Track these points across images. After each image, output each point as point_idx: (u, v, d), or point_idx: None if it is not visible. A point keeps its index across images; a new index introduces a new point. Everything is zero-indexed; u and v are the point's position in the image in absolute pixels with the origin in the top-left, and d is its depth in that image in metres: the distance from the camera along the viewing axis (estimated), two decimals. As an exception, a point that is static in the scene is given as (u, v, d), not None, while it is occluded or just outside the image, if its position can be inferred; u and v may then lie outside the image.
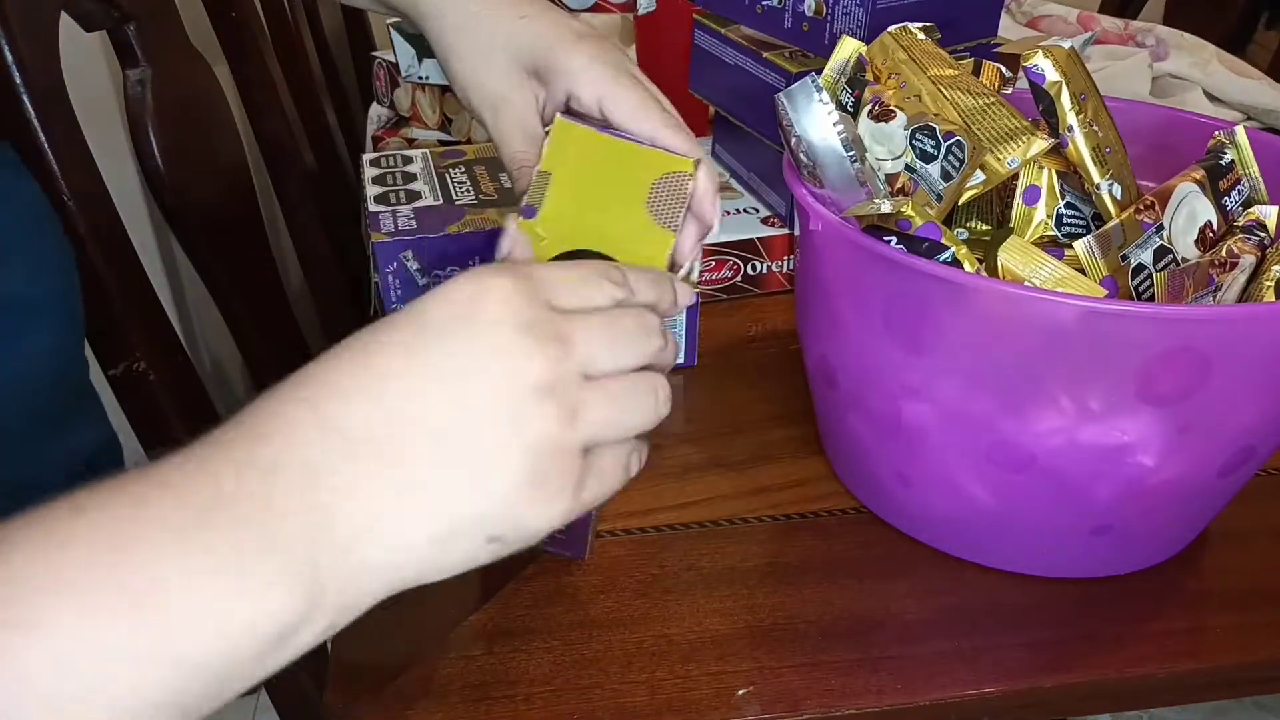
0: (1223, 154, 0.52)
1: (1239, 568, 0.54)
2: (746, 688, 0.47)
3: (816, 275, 0.54)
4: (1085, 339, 0.43)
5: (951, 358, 0.47)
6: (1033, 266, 0.48)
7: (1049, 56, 0.50)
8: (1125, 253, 0.49)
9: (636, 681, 0.48)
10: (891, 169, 0.53)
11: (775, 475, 0.61)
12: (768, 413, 0.67)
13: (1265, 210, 0.50)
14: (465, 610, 0.52)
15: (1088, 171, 0.50)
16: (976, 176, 0.50)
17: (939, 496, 0.52)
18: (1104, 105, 0.52)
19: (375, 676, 0.48)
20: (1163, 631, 0.50)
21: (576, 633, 0.50)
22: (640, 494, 0.60)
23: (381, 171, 0.71)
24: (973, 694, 0.47)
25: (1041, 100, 0.50)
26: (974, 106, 0.51)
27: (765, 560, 0.55)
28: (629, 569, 0.54)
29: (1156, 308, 0.44)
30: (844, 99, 0.56)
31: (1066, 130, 0.50)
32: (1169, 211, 0.49)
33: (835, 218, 0.49)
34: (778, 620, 0.51)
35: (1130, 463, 0.46)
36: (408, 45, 0.86)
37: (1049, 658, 0.49)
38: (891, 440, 0.52)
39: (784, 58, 0.75)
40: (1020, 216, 0.52)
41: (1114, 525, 0.50)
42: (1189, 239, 0.49)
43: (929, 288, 0.46)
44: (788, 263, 0.80)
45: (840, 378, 0.54)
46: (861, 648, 0.49)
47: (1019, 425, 0.46)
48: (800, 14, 0.74)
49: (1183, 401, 0.44)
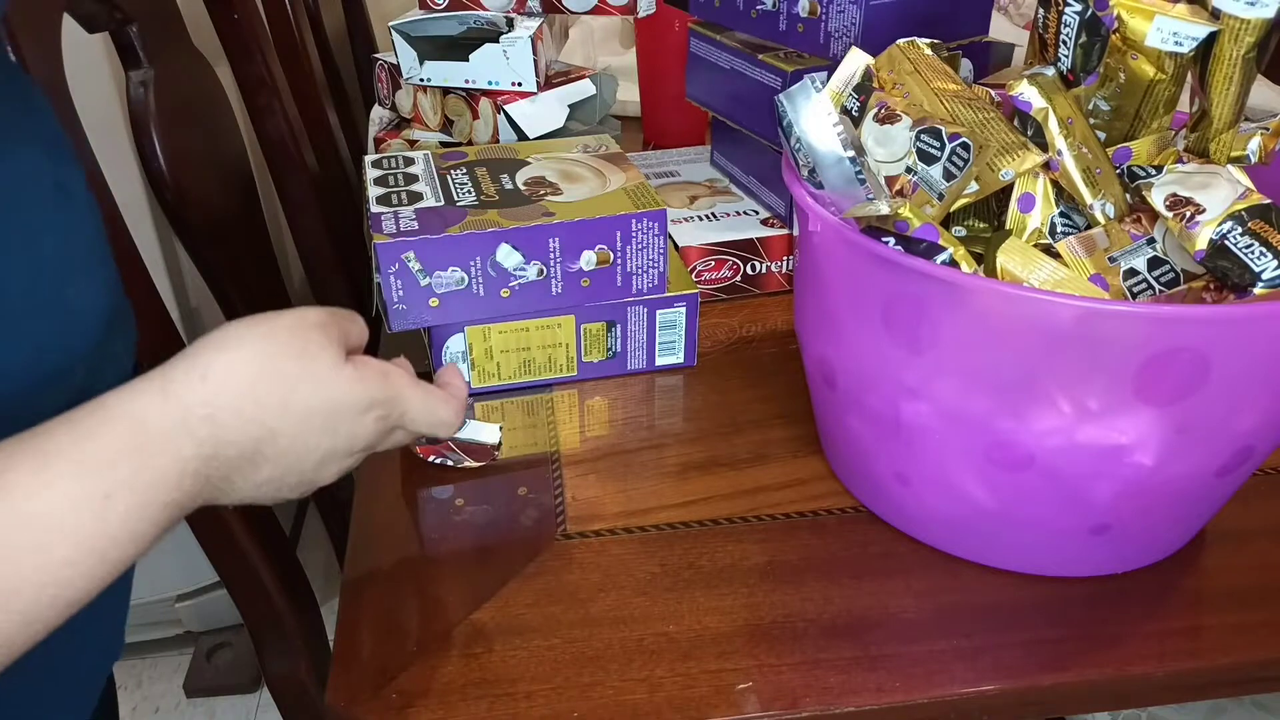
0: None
1: (1237, 567, 0.55)
2: (746, 684, 0.48)
3: (815, 276, 0.54)
4: (1084, 339, 0.43)
5: (950, 358, 0.47)
6: (1031, 267, 0.48)
7: (1034, 84, 0.51)
8: (1114, 255, 0.49)
9: (636, 679, 0.48)
10: (891, 171, 0.54)
11: (774, 475, 0.61)
12: (767, 413, 0.67)
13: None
14: (465, 610, 0.52)
15: (1079, 193, 0.51)
16: (971, 186, 0.51)
17: (938, 496, 0.53)
18: (1090, 128, 0.52)
19: (375, 676, 0.48)
20: (1161, 630, 0.51)
21: (577, 631, 0.51)
22: (640, 493, 0.60)
23: (383, 173, 0.71)
24: (971, 692, 0.48)
25: (1029, 126, 0.51)
26: (975, 120, 0.52)
27: (765, 559, 0.55)
28: (629, 568, 0.54)
29: (1155, 308, 0.44)
30: (849, 104, 0.56)
31: (1056, 154, 0.51)
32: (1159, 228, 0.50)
33: (834, 219, 0.49)
34: (777, 619, 0.51)
35: (1129, 462, 0.46)
36: (409, 47, 0.86)
37: (1047, 656, 0.49)
38: (890, 440, 0.52)
39: (779, 58, 0.75)
40: (1015, 224, 0.52)
41: (1112, 525, 0.50)
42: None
43: (928, 288, 0.46)
44: (787, 263, 0.80)
45: (839, 378, 0.54)
46: (860, 646, 0.49)
47: (1017, 425, 0.47)
48: (795, 15, 0.74)
49: (1181, 401, 0.44)
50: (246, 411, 0.37)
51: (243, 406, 0.37)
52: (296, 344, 0.39)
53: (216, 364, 0.37)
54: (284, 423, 0.38)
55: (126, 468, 0.33)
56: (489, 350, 0.67)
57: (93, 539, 0.32)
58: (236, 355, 0.37)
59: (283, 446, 0.39)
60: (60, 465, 0.32)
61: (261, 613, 0.73)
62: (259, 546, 0.70)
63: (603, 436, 0.65)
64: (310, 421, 0.39)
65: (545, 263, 0.64)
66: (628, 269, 0.67)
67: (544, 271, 0.65)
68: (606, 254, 0.66)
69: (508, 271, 0.64)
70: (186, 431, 0.35)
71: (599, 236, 0.65)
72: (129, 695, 1.36)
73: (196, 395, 0.36)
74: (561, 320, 0.67)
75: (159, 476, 0.34)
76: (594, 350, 0.69)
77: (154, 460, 0.34)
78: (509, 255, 0.63)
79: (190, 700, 1.35)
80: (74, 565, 0.32)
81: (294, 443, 0.39)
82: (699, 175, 0.91)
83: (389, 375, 0.43)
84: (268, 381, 0.38)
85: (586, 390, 0.70)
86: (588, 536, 0.57)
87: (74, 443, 0.33)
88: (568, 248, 0.65)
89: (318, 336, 0.40)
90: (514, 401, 0.69)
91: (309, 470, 0.41)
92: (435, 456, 0.62)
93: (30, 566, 0.31)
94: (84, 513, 0.32)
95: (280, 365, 0.38)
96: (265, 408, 0.38)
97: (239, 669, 1.37)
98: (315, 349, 0.40)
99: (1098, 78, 0.53)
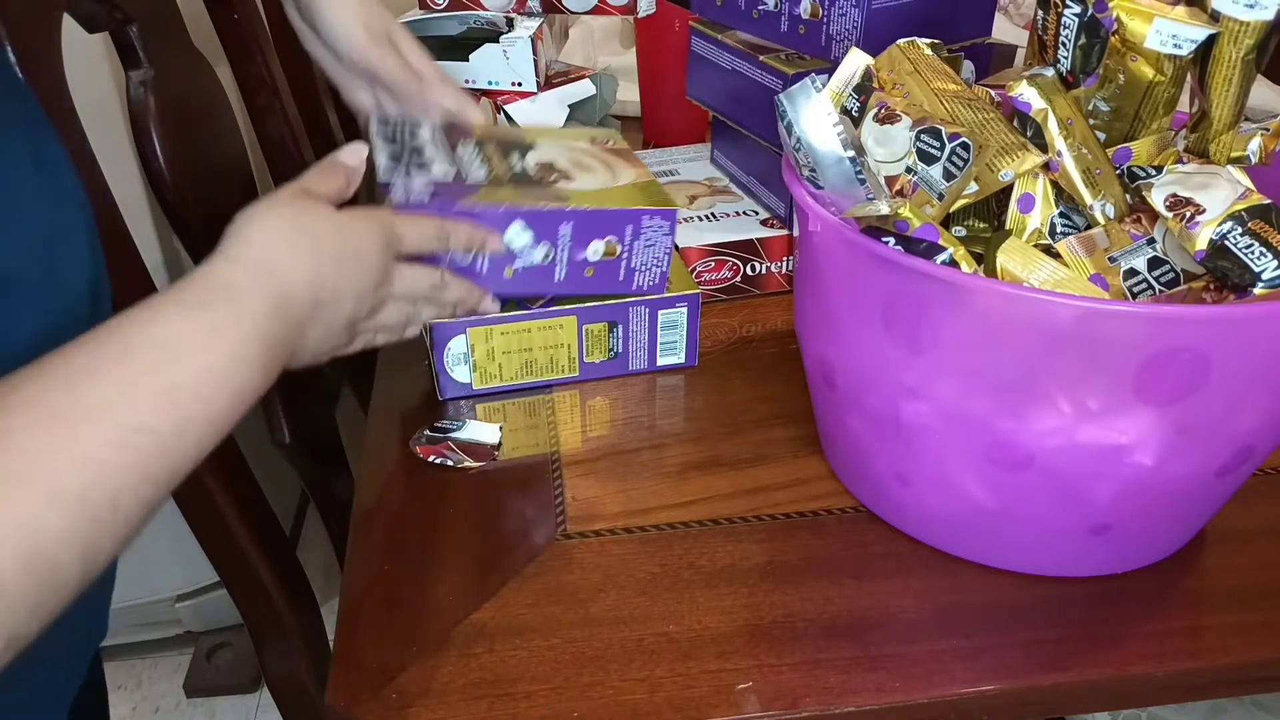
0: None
1: (1237, 567, 0.55)
2: (746, 684, 0.48)
3: (815, 276, 0.54)
4: (1084, 339, 0.44)
5: (950, 358, 0.47)
6: (1031, 267, 0.48)
7: (1033, 85, 0.51)
8: (1113, 255, 0.49)
9: (636, 679, 0.48)
10: (891, 171, 0.54)
11: (774, 475, 0.61)
12: (767, 412, 0.67)
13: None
14: (465, 610, 0.52)
15: (1079, 193, 0.51)
16: (970, 187, 0.51)
17: (938, 496, 0.53)
18: (1089, 128, 0.52)
19: (375, 676, 0.48)
20: (1161, 630, 0.51)
21: (577, 631, 0.51)
22: (640, 493, 0.60)
23: (392, 144, 0.68)
24: (971, 692, 0.48)
25: (1029, 127, 0.51)
26: (974, 120, 0.52)
27: (765, 559, 0.55)
28: (629, 567, 0.54)
29: (1155, 308, 0.44)
30: (850, 105, 0.56)
31: (1056, 155, 0.51)
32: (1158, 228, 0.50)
33: (834, 219, 0.49)
34: (777, 618, 0.51)
35: (1129, 462, 0.46)
36: (409, 47, 0.86)
37: (1047, 656, 0.49)
38: (890, 440, 0.52)
39: (780, 60, 0.75)
40: (1015, 224, 0.53)
41: (1112, 525, 0.50)
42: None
43: (928, 288, 0.46)
44: (787, 263, 0.80)
45: (839, 378, 0.54)
46: (860, 646, 0.50)
47: (1017, 425, 0.47)
48: (796, 17, 0.74)
49: (1181, 401, 0.44)
50: (291, 258, 0.45)
51: (288, 255, 0.45)
52: (304, 204, 0.49)
53: (252, 231, 0.45)
54: (321, 266, 0.46)
55: (229, 313, 0.41)
56: (491, 351, 0.67)
57: (227, 366, 0.40)
58: (265, 222, 0.46)
59: (331, 286, 0.47)
60: (197, 318, 0.40)
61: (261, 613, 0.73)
62: (259, 546, 0.70)
63: (603, 436, 0.65)
64: (342, 264, 0.48)
65: (554, 246, 0.64)
66: (632, 264, 0.67)
67: (550, 256, 0.64)
68: (614, 246, 0.66)
69: (513, 251, 0.63)
70: (260, 281, 0.43)
71: (611, 228, 0.65)
72: (129, 695, 1.36)
73: (252, 256, 0.44)
74: (563, 321, 0.67)
75: (258, 307, 0.43)
76: (595, 351, 0.69)
77: (248, 303, 0.42)
78: (519, 235, 0.63)
79: (190, 700, 1.35)
80: (224, 383, 0.40)
81: (338, 282, 0.48)
82: (699, 174, 0.91)
83: (373, 210, 0.52)
84: (297, 234, 0.46)
85: (587, 390, 0.70)
86: (588, 536, 0.57)
87: (186, 311, 0.40)
88: (579, 235, 0.64)
89: (312, 198, 0.50)
90: (514, 402, 0.69)
91: (347, 312, 0.49)
92: (435, 456, 0.62)
93: (205, 392, 0.39)
94: (218, 352, 0.40)
95: (300, 221, 0.47)
96: (304, 253, 0.46)
97: (239, 669, 1.37)
98: (318, 207, 0.49)
99: (1097, 79, 0.53)
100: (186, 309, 0.40)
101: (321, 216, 0.48)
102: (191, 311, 0.40)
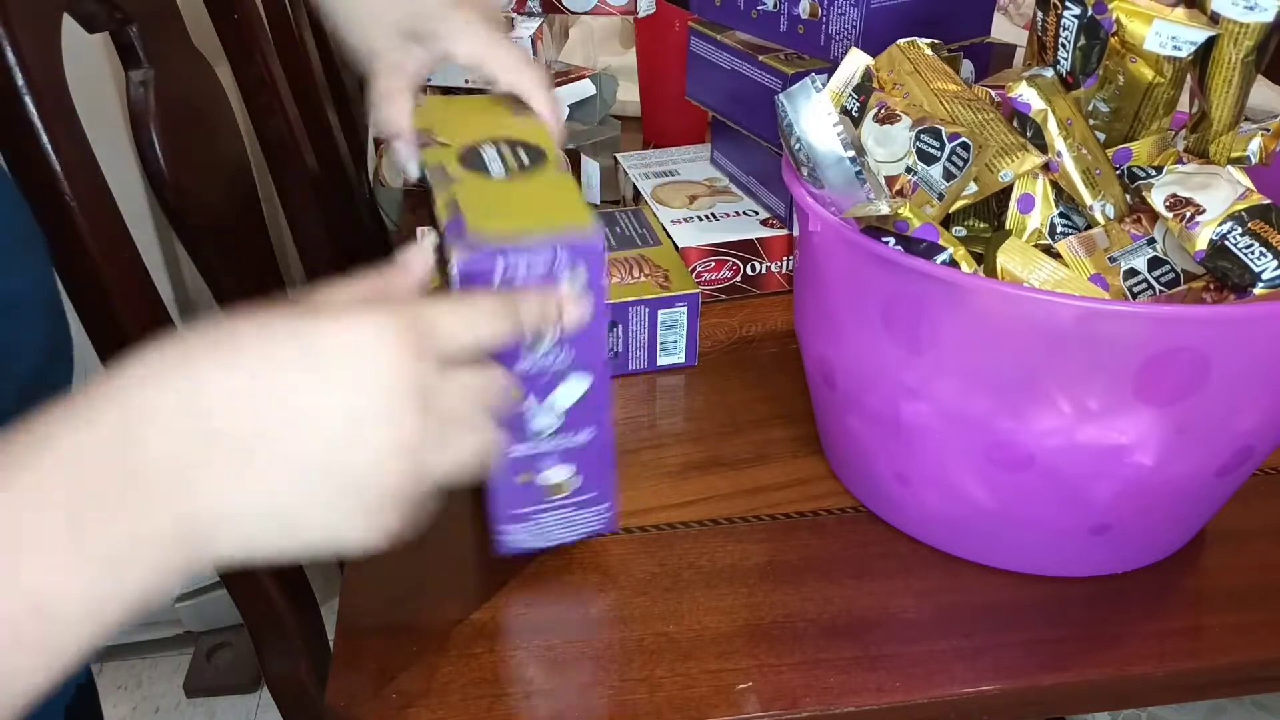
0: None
1: (1237, 567, 0.55)
2: (746, 684, 0.48)
3: (815, 276, 0.54)
4: (1084, 339, 0.44)
5: (950, 358, 0.47)
6: (1031, 267, 0.48)
7: (1033, 86, 0.51)
8: (1114, 255, 0.49)
9: (636, 679, 0.48)
10: (891, 171, 0.54)
11: (774, 474, 0.61)
12: (767, 412, 0.67)
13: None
14: (465, 610, 0.52)
15: (1079, 194, 0.51)
16: (970, 187, 0.51)
17: (938, 496, 0.53)
18: (1089, 129, 0.52)
19: (375, 676, 0.48)
20: (1161, 630, 0.51)
21: (576, 631, 0.51)
22: (640, 493, 0.60)
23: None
24: (971, 692, 0.48)
25: (1029, 127, 0.51)
26: (974, 120, 0.52)
27: (765, 559, 0.55)
28: (629, 567, 0.54)
29: (1155, 308, 0.44)
30: (849, 105, 0.56)
31: (1056, 156, 0.51)
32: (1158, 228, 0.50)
33: (834, 219, 0.49)
34: (777, 618, 0.51)
35: (1129, 462, 0.46)
36: (409, 47, 0.86)
37: (1047, 656, 0.49)
38: (890, 440, 0.52)
39: (780, 60, 0.75)
40: (1015, 224, 0.53)
41: (1112, 524, 0.50)
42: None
43: (928, 288, 0.46)
44: (787, 263, 0.80)
45: (839, 378, 0.54)
46: (860, 646, 0.50)
47: (1017, 425, 0.47)
48: (795, 16, 0.74)
49: (1181, 401, 0.44)
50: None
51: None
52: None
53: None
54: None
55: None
56: None
57: None
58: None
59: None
60: None
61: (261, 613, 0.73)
62: (259, 546, 0.70)
63: (603, 436, 0.65)
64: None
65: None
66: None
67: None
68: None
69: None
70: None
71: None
72: (129, 695, 1.36)
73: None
74: None
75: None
76: None
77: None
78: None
79: (190, 700, 1.35)
80: None
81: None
82: (699, 175, 0.91)
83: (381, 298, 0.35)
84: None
85: (586, 390, 0.70)
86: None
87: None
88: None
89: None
90: (514, 401, 0.69)
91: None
92: None
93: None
94: None
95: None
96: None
97: (239, 669, 1.37)
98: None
99: (1097, 80, 0.53)
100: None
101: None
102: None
